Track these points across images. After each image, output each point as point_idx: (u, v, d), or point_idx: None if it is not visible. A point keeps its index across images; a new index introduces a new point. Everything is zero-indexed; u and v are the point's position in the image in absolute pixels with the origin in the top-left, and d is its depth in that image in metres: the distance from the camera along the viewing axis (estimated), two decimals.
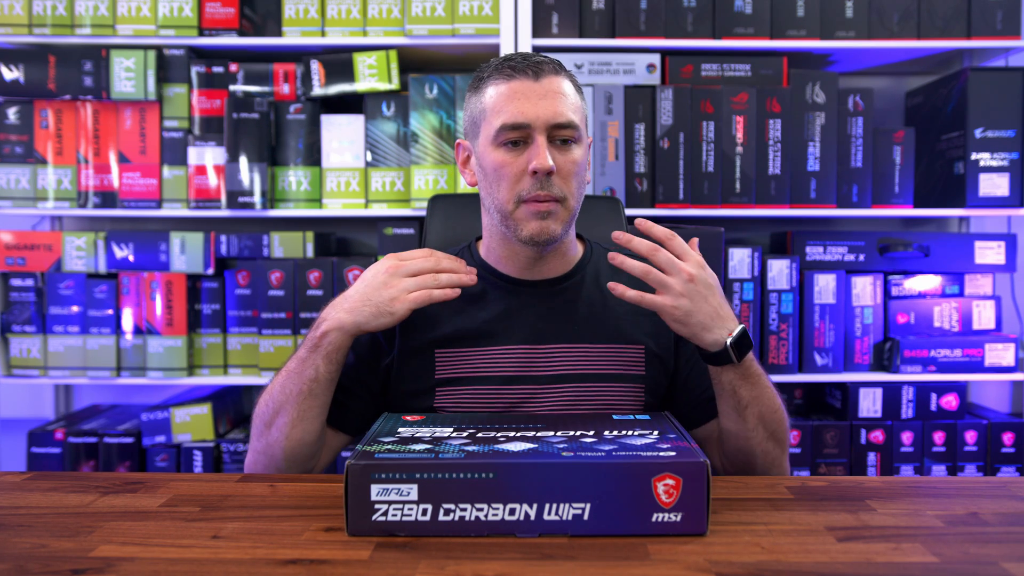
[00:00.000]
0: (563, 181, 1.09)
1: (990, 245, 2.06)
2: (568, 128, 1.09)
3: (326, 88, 2.01)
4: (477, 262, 1.20)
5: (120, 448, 2.00)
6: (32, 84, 1.97)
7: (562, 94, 1.10)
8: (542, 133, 1.08)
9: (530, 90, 1.09)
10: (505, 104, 1.09)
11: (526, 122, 1.08)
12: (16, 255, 2.01)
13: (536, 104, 1.08)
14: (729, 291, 1.97)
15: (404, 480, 0.79)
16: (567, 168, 1.09)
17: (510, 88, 1.09)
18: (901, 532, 0.82)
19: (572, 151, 1.10)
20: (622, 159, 1.99)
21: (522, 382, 1.14)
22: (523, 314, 1.16)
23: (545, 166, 1.06)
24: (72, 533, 0.82)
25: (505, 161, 1.10)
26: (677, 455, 0.81)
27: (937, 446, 2.03)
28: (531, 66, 1.10)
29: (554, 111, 1.08)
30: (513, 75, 1.10)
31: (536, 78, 1.09)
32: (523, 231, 1.10)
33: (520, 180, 1.09)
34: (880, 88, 2.28)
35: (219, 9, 1.98)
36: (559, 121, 1.08)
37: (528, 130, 1.08)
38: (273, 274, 1.98)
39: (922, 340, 2.01)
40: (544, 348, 1.15)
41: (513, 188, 1.09)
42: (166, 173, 2.02)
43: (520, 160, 1.09)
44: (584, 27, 2.00)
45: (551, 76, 1.10)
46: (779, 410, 1.08)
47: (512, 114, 1.08)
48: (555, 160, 1.08)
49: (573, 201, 1.11)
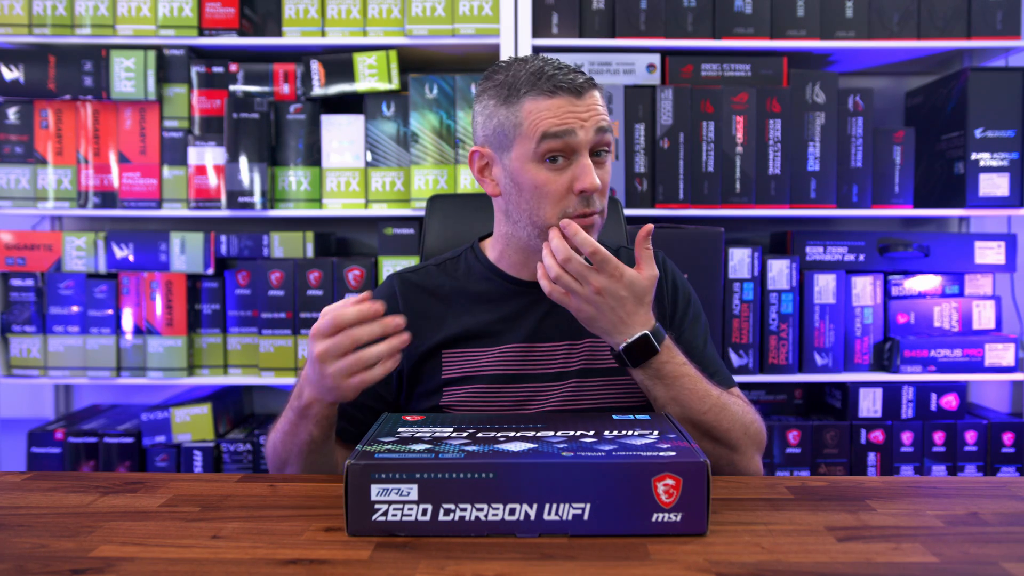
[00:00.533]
0: (601, 195, 1.11)
1: (990, 245, 2.06)
2: (607, 134, 1.11)
3: (326, 88, 2.01)
4: (483, 264, 1.21)
5: (120, 448, 2.00)
6: (32, 84, 1.97)
7: (601, 106, 1.10)
8: (586, 151, 1.08)
9: (575, 108, 1.08)
10: (550, 123, 1.07)
11: (573, 142, 1.07)
12: (16, 255, 2.01)
13: (583, 124, 1.08)
14: (729, 291, 1.97)
15: (404, 480, 0.79)
16: (606, 182, 1.11)
17: (554, 105, 1.08)
18: (901, 532, 0.82)
19: (606, 163, 1.12)
20: (622, 159, 1.99)
21: (526, 380, 1.15)
22: (528, 313, 1.18)
23: (595, 185, 1.07)
24: (72, 533, 0.82)
25: (548, 179, 1.09)
26: (677, 455, 0.81)
27: (937, 446, 2.03)
28: (573, 86, 1.09)
29: (599, 132, 1.09)
30: (556, 92, 1.08)
31: (579, 96, 1.08)
32: None
33: (564, 198, 1.09)
34: (880, 88, 2.28)
35: (219, 9, 1.98)
36: (601, 126, 1.09)
37: (574, 146, 1.08)
38: (273, 274, 1.98)
39: (922, 340, 2.01)
40: (547, 346, 1.17)
41: (557, 205, 1.09)
42: (166, 173, 2.02)
43: (563, 178, 1.09)
44: (584, 27, 2.00)
45: (592, 91, 1.10)
46: (715, 410, 1.08)
47: (559, 133, 1.07)
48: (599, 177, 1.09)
49: (606, 211, 1.13)
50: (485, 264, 1.21)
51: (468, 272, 1.21)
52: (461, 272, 1.22)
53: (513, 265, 1.19)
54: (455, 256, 1.25)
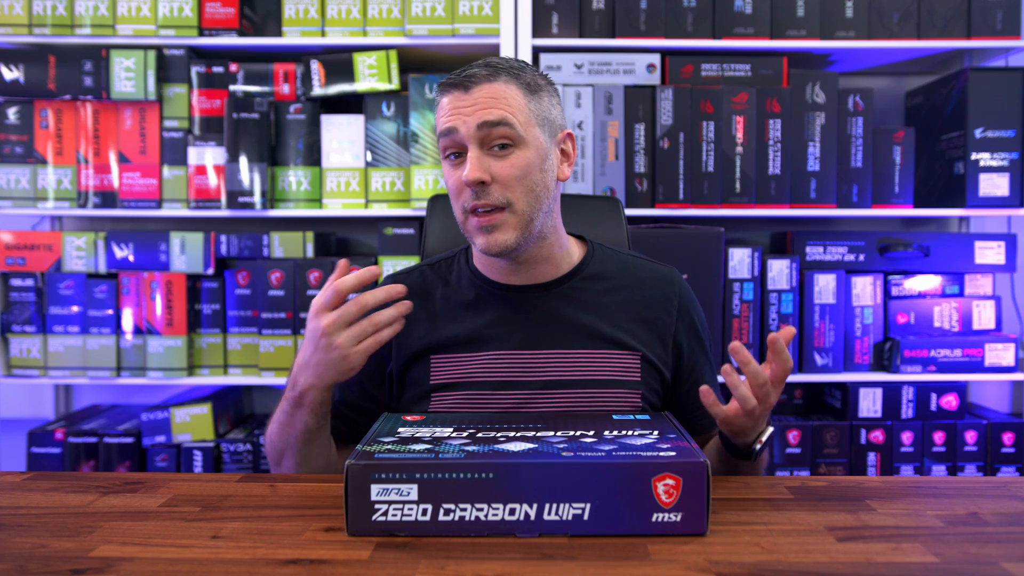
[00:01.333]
0: (504, 188, 1.06)
1: (990, 245, 2.06)
2: (500, 126, 1.06)
3: (326, 88, 2.01)
4: (471, 269, 1.19)
5: (120, 448, 2.00)
6: (32, 84, 1.97)
7: (494, 98, 1.07)
8: (472, 142, 1.06)
9: (460, 102, 1.07)
10: (440, 117, 1.10)
11: (454, 128, 1.07)
12: (16, 255, 2.01)
13: (462, 112, 1.07)
14: (729, 291, 1.97)
15: (404, 480, 0.79)
16: (505, 174, 1.06)
17: (446, 104, 1.09)
18: (901, 532, 0.82)
19: (511, 156, 1.07)
20: (622, 159, 1.99)
21: (516, 387, 1.13)
22: (517, 319, 1.15)
23: (472, 177, 1.05)
24: (72, 533, 0.82)
25: (449, 173, 1.11)
26: (677, 455, 0.81)
27: (937, 446, 2.03)
28: (465, 78, 1.08)
29: (479, 115, 1.06)
30: (449, 90, 1.09)
31: (466, 90, 1.07)
32: (476, 243, 1.10)
33: (461, 192, 1.09)
34: (880, 88, 2.28)
35: (219, 9, 1.98)
36: (485, 119, 1.05)
37: (459, 139, 1.07)
38: (273, 274, 1.98)
39: (922, 340, 2.01)
40: (538, 354, 1.14)
41: (458, 199, 1.10)
42: (166, 173, 2.02)
43: (458, 172, 1.08)
44: (584, 27, 2.00)
45: (482, 84, 1.07)
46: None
47: (442, 125, 1.08)
48: (491, 168, 1.06)
49: (522, 205, 1.07)
50: (472, 270, 1.19)
51: (459, 277, 1.20)
52: (453, 276, 1.20)
53: (487, 268, 1.17)
54: (449, 257, 1.23)
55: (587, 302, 1.16)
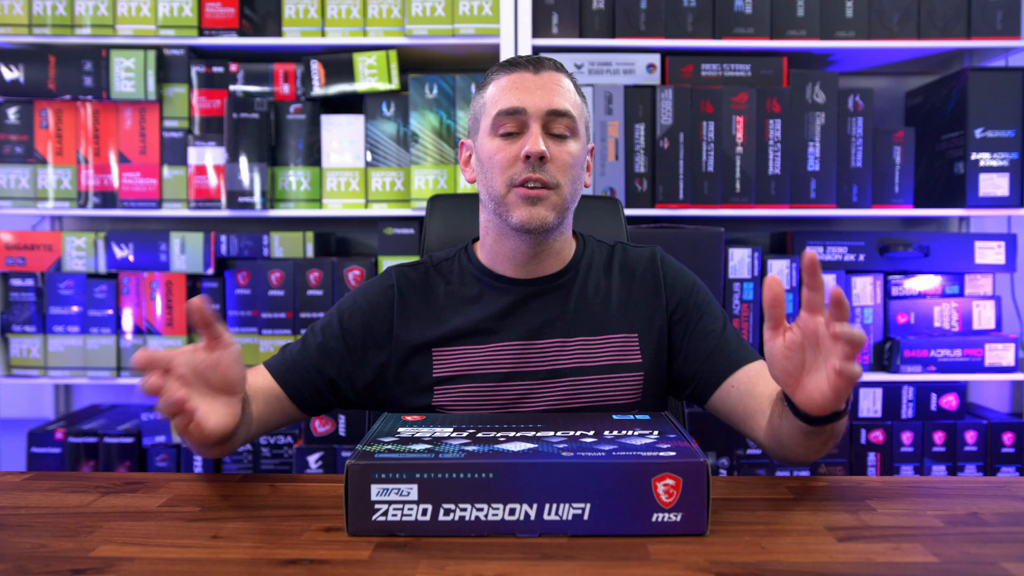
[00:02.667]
0: (557, 170, 1.10)
1: (990, 245, 2.06)
2: (565, 117, 1.10)
3: (326, 88, 2.01)
4: (474, 265, 1.20)
5: (120, 448, 2.00)
6: (32, 84, 1.97)
7: (561, 87, 1.12)
8: (537, 121, 1.09)
9: (528, 80, 1.11)
10: (503, 94, 1.11)
11: (522, 107, 1.09)
12: (16, 255, 2.01)
13: (533, 93, 1.10)
14: (729, 291, 1.97)
15: (404, 480, 0.79)
16: (561, 158, 1.10)
17: (509, 80, 1.12)
18: (901, 532, 0.82)
19: (568, 144, 1.11)
20: (622, 159, 1.99)
21: (520, 378, 1.14)
22: (520, 311, 1.17)
23: (538, 149, 1.07)
24: (72, 533, 0.82)
25: (500, 147, 1.11)
26: (677, 455, 0.81)
27: (937, 446, 2.03)
28: (532, 61, 1.13)
29: (550, 100, 1.10)
30: (513, 69, 1.13)
31: (536, 71, 1.12)
32: (513, 217, 1.10)
33: (513, 165, 1.10)
34: (880, 88, 2.28)
35: (219, 9, 1.98)
36: (555, 107, 1.10)
37: (524, 117, 1.10)
38: (273, 274, 1.98)
39: (922, 340, 2.01)
40: (540, 344, 1.15)
41: (506, 172, 1.10)
42: (166, 173, 2.02)
43: (514, 147, 1.10)
44: (584, 27, 2.00)
45: (551, 71, 1.13)
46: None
47: (509, 100, 1.10)
48: (549, 148, 1.09)
49: (567, 191, 1.11)
50: (476, 265, 1.20)
51: (461, 274, 1.20)
52: (455, 275, 1.21)
53: (498, 259, 1.18)
54: (449, 257, 1.24)
55: (585, 291, 1.18)
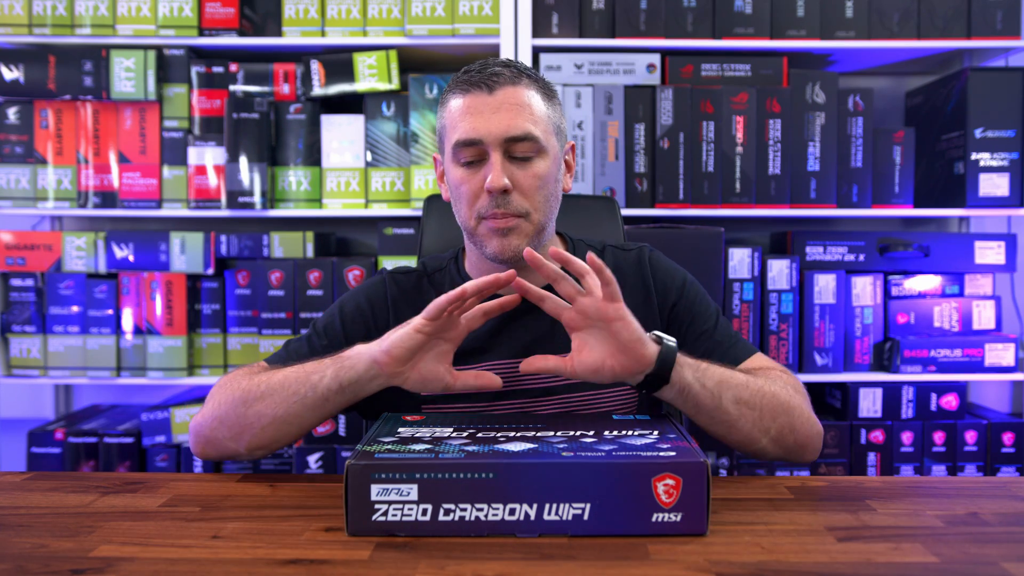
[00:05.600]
0: (524, 197, 1.06)
1: (990, 245, 2.06)
2: (525, 141, 1.05)
3: (326, 88, 2.01)
4: (463, 276, 1.17)
5: (120, 448, 2.00)
6: (32, 84, 1.97)
7: (519, 105, 1.05)
8: (496, 149, 1.04)
9: (483, 104, 1.05)
10: (459, 120, 1.06)
11: (478, 138, 1.04)
12: (16, 255, 2.01)
13: (489, 119, 1.04)
14: (729, 291, 1.97)
15: (404, 480, 0.79)
16: (526, 183, 1.06)
17: (465, 104, 1.06)
18: (901, 532, 0.82)
19: (534, 165, 1.06)
20: (622, 159, 1.99)
21: (512, 396, 1.11)
22: (510, 329, 1.13)
23: (498, 185, 1.03)
24: (72, 533, 0.82)
25: (464, 178, 1.07)
26: (677, 455, 0.81)
27: (937, 446, 2.03)
28: (486, 78, 1.06)
29: (507, 125, 1.04)
30: (468, 89, 1.06)
31: (490, 91, 1.05)
32: (487, 248, 1.08)
33: (478, 198, 1.06)
34: (880, 88, 2.28)
35: (219, 9, 1.98)
36: (512, 134, 1.04)
37: (482, 147, 1.05)
38: (273, 274, 1.98)
39: (922, 340, 2.01)
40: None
41: (472, 206, 1.07)
42: (166, 173, 2.02)
43: (477, 178, 1.06)
44: (584, 27, 2.00)
45: (507, 87, 1.06)
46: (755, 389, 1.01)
47: (465, 131, 1.05)
48: (513, 176, 1.05)
49: (538, 215, 1.07)
50: (464, 277, 1.17)
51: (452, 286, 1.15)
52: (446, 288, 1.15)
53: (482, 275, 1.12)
54: (441, 268, 1.20)
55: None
